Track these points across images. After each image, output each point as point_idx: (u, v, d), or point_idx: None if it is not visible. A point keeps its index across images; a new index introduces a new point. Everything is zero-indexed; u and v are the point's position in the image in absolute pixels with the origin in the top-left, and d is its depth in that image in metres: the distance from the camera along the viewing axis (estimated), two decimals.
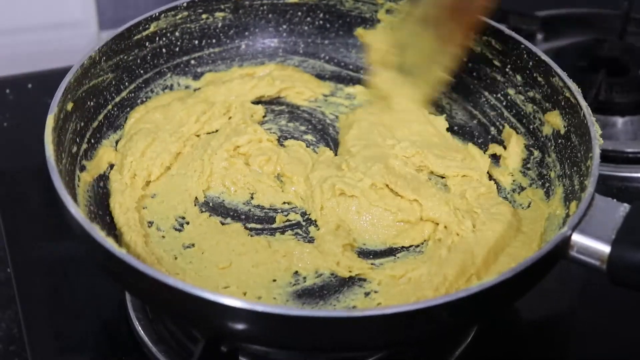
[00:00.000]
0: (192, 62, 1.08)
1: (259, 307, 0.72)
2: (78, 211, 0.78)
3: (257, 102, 1.06)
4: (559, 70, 0.94)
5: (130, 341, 0.91)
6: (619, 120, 1.19)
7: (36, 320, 0.94)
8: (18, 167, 1.11)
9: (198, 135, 1.00)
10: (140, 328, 0.91)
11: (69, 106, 0.91)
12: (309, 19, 1.11)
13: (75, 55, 0.96)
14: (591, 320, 0.97)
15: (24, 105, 1.20)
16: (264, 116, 1.05)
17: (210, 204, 0.94)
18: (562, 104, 0.94)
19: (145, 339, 0.91)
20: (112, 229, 0.90)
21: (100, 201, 0.93)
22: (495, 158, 1.00)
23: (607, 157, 1.12)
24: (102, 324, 0.94)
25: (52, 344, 0.92)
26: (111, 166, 0.96)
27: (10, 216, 1.05)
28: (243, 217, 0.93)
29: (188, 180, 0.95)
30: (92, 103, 0.97)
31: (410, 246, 0.91)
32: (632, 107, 1.20)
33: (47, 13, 1.36)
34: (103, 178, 0.95)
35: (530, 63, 0.99)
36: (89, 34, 1.39)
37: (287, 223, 0.93)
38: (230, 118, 1.02)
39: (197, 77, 1.07)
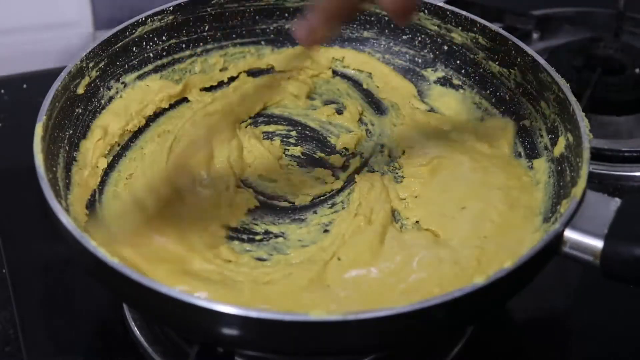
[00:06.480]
0: (180, 66, 1.07)
1: (252, 313, 0.71)
2: (70, 221, 0.77)
3: None
4: (547, 66, 0.94)
5: (126, 342, 0.91)
6: (615, 119, 1.19)
7: (32, 321, 0.93)
8: (13, 167, 1.11)
9: None
10: (136, 329, 0.91)
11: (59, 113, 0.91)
12: (295, 19, 1.11)
13: (70, 56, 0.96)
14: (588, 319, 0.96)
15: (19, 106, 1.20)
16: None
17: None
18: (552, 99, 0.94)
19: (142, 339, 0.90)
20: None
21: None
22: None
23: (603, 156, 1.13)
24: (98, 325, 0.94)
25: (47, 344, 0.92)
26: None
27: (6, 217, 1.04)
28: None
29: None
30: (80, 110, 0.97)
31: None
32: (628, 106, 1.20)
33: (43, 13, 1.36)
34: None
35: (519, 59, 0.99)
36: (84, 34, 1.39)
37: None
38: None
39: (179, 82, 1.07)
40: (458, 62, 1.07)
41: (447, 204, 0.92)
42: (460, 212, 0.91)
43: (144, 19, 1.03)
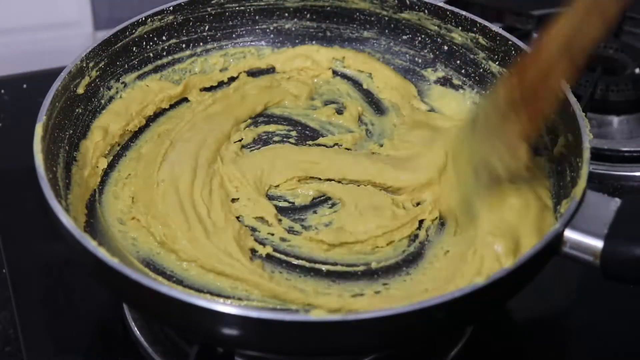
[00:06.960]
0: (180, 66, 1.08)
1: (252, 313, 0.71)
2: (70, 221, 0.77)
3: None
4: None
5: (126, 342, 0.91)
6: (615, 119, 1.19)
7: (32, 321, 0.93)
8: (13, 167, 1.11)
9: None
10: (136, 328, 0.91)
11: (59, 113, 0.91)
12: (295, 19, 1.11)
13: (70, 56, 0.96)
14: (588, 319, 0.96)
15: (19, 106, 1.20)
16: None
17: None
18: None
19: (142, 339, 0.90)
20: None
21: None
22: None
23: (603, 156, 1.13)
24: (98, 325, 0.94)
25: (48, 344, 0.92)
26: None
27: (6, 217, 1.05)
28: None
29: None
30: (80, 110, 0.97)
31: None
32: (628, 106, 1.20)
33: (43, 13, 1.36)
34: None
35: (519, 60, 0.99)
36: (84, 34, 1.39)
37: None
38: None
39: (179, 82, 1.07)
40: (458, 62, 1.07)
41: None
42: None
43: (144, 19, 1.03)
